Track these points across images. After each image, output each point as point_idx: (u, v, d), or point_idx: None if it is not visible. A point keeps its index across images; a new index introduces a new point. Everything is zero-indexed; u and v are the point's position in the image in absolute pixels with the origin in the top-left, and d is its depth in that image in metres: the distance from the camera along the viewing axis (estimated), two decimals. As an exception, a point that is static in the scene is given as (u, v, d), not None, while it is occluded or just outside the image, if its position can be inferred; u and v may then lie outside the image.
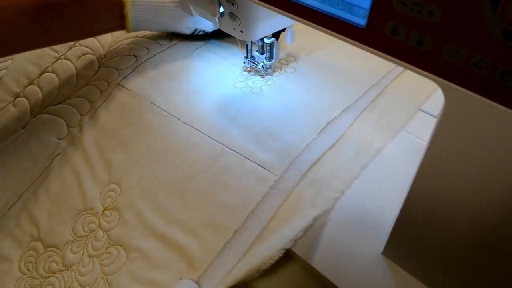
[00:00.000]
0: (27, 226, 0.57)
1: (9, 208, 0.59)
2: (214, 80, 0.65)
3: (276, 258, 0.44)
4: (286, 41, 0.62)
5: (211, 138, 0.57)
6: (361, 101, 0.61)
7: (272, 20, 0.54)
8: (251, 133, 0.57)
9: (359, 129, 0.57)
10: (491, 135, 0.27)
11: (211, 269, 0.46)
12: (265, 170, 0.52)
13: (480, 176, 0.29)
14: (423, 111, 0.60)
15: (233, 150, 0.55)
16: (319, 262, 0.44)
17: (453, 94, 0.27)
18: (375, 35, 0.29)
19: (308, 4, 0.32)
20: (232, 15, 0.52)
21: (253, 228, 0.48)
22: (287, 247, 0.45)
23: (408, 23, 0.26)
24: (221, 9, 0.53)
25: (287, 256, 0.46)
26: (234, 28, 0.54)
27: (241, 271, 0.44)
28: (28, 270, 0.53)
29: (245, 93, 0.63)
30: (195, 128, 0.58)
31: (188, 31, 0.70)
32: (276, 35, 0.60)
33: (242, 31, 0.54)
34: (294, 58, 0.69)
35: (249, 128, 0.58)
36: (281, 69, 0.67)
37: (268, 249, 0.45)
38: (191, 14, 0.58)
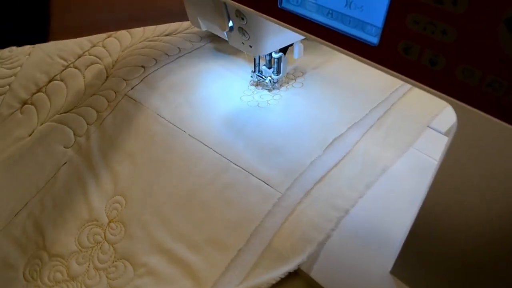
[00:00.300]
0: (32, 234, 0.56)
1: (15, 215, 0.58)
2: (221, 93, 0.65)
3: (279, 279, 0.44)
4: (294, 56, 0.62)
5: (216, 152, 0.56)
6: (368, 118, 0.60)
7: (281, 35, 0.54)
8: (257, 148, 0.56)
9: (364, 146, 0.56)
10: (504, 156, 0.26)
11: (217, 287, 0.45)
12: (269, 187, 0.52)
13: (493, 196, 0.29)
14: (431, 128, 0.59)
15: (238, 166, 0.54)
16: (326, 280, 0.44)
17: (466, 114, 0.26)
18: (387, 53, 0.28)
19: (320, 21, 0.32)
20: (241, 30, 0.52)
21: (256, 246, 0.47)
22: (291, 270, 0.44)
23: (422, 43, 0.25)
24: (230, 24, 0.53)
25: (293, 273, 0.45)
26: (243, 43, 0.54)
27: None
28: (32, 278, 0.53)
29: (252, 107, 0.63)
30: (201, 142, 0.58)
31: None
32: (284, 49, 0.60)
33: (251, 46, 0.54)
34: (301, 73, 0.68)
35: (254, 142, 0.57)
36: (288, 83, 0.66)
37: (272, 272, 0.45)
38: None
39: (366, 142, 0.57)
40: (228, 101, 0.64)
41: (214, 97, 0.64)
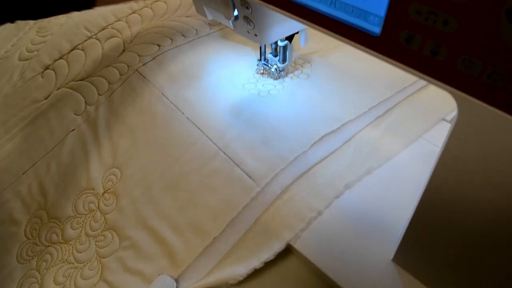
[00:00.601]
0: (36, 194, 0.55)
1: (24, 173, 0.57)
2: (226, 80, 0.60)
3: (245, 275, 0.41)
4: (300, 44, 0.56)
5: (208, 138, 0.52)
6: (367, 116, 0.54)
7: (286, 23, 0.49)
8: (247, 138, 0.52)
9: (355, 145, 0.51)
10: (504, 145, 0.24)
11: (190, 270, 0.43)
12: (250, 180, 0.47)
13: (493, 183, 0.27)
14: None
15: (225, 155, 0.50)
16: (328, 268, 0.41)
17: (466, 105, 0.24)
18: (389, 43, 0.25)
19: (322, 11, 0.29)
20: (246, 19, 0.47)
21: (231, 237, 0.44)
22: (258, 267, 0.42)
23: (423, 33, 0.23)
24: (236, 13, 0.48)
25: (289, 252, 0.43)
26: (248, 32, 0.49)
27: (213, 279, 0.42)
28: (32, 236, 0.51)
29: (252, 96, 0.58)
30: (196, 126, 0.54)
31: None
32: (290, 37, 0.55)
33: (256, 35, 0.49)
34: (310, 64, 0.63)
35: (246, 133, 0.52)
36: (294, 73, 0.61)
37: (241, 266, 0.42)
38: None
39: (357, 141, 0.51)
40: (230, 88, 0.59)
41: (218, 82, 0.60)
